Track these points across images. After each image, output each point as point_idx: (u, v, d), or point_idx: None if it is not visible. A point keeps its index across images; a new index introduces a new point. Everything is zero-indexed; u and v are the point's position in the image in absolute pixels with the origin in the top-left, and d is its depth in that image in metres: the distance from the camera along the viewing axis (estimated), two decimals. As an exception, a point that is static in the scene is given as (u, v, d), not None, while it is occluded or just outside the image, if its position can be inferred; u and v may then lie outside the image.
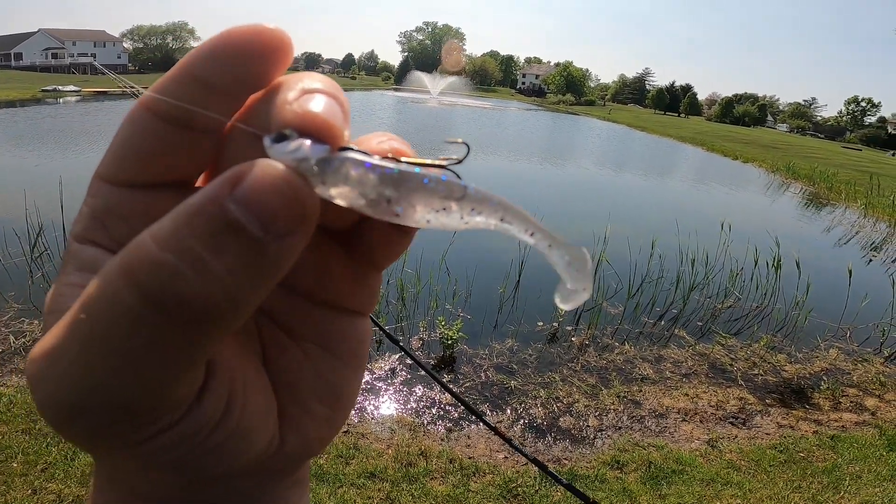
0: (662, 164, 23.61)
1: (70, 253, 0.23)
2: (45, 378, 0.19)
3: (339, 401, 0.27)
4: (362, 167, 0.20)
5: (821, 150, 39.69)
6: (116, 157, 0.23)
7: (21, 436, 3.04)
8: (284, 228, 0.18)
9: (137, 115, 0.22)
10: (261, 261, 0.18)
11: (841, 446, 3.89)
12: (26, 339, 4.13)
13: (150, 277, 0.17)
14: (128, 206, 0.23)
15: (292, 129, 0.19)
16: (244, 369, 0.24)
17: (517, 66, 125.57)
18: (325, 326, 0.27)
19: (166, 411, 0.20)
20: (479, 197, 0.21)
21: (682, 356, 5.09)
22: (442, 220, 0.21)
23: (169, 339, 0.18)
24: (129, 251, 0.18)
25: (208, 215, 0.18)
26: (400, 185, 0.20)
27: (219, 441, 0.22)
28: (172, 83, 0.22)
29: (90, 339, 0.18)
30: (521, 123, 37.97)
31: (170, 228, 0.18)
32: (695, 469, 3.46)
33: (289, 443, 0.25)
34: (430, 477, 3.13)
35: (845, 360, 5.36)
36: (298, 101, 0.20)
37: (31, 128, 17.32)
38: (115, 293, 0.18)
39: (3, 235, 5.76)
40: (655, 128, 44.38)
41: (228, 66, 0.21)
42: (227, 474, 0.24)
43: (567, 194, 13.15)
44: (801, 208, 15.87)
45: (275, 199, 0.18)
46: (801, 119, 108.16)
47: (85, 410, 0.19)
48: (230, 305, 0.18)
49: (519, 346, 4.92)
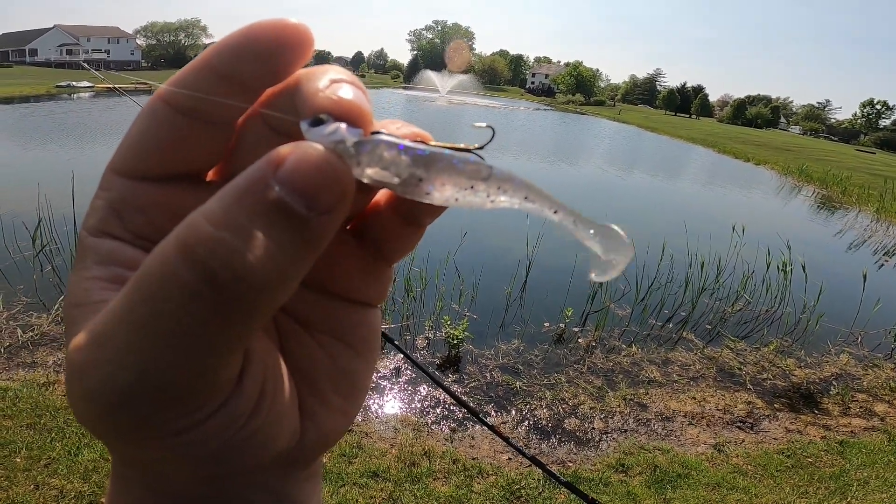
0: (672, 166, 23.45)
1: (86, 247, 0.23)
2: (93, 364, 0.19)
3: (353, 391, 0.28)
4: (395, 149, 0.21)
5: (834, 153, 39.23)
6: (133, 150, 0.23)
7: (26, 431, 3.04)
8: (326, 206, 0.19)
9: (156, 108, 0.23)
10: (305, 236, 0.19)
11: (849, 452, 3.83)
12: (34, 333, 4.16)
13: (208, 253, 0.18)
14: (144, 198, 0.23)
15: (328, 115, 0.21)
16: (271, 357, 0.24)
17: (527, 65, 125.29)
18: (336, 317, 0.27)
19: (211, 397, 0.20)
20: (503, 177, 0.22)
21: (690, 359, 5.03)
22: (469, 198, 0.22)
23: (222, 316, 0.18)
24: (183, 230, 0.18)
25: (256, 195, 0.19)
26: (431, 166, 0.21)
27: (254, 429, 0.22)
28: (192, 75, 0.22)
29: (144, 320, 0.18)
30: (530, 123, 37.88)
31: (221, 208, 0.18)
32: (700, 473, 3.42)
33: (307, 434, 0.25)
34: (433, 477, 3.11)
35: (856, 365, 5.29)
36: (330, 88, 0.21)
37: (45, 122, 17.50)
38: (171, 271, 0.18)
39: (12, 229, 5.81)
40: (666, 129, 44.10)
41: (251, 60, 0.22)
42: (259, 466, 0.24)
43: (575, 195, 13.09)
44: (814, 212, 15.70)
45: (317, 178, 0.19)
46: (814, 121, 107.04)
47: (134, 396, 0.19)
48: (279, 278, 0.19)
49: (525, 346, 4.89)
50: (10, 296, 4.73)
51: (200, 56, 0.22)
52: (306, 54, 0.22)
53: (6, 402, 3.26)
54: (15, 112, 20.76)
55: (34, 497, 2.61)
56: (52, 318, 4.42)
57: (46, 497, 2.62)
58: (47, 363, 3.81)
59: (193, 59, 0.23)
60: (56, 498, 2.63)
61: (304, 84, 0.22)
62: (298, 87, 0.22)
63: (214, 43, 0.23)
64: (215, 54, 0.22)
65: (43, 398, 3.35)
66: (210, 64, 0.22)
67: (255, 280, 0.18)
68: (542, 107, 67.55)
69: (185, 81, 0.22)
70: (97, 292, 0.22)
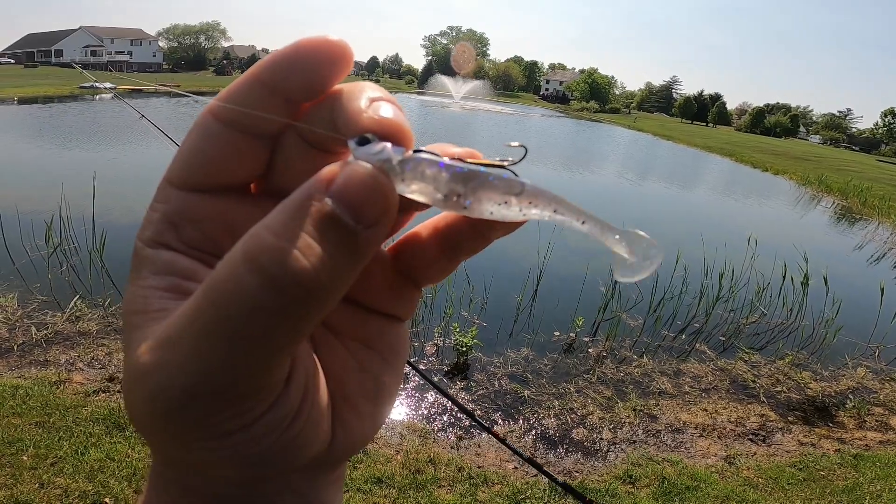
0: (688, 175, 23.23)
1: (142, 258, 0.25)
2: (159, 366, 0.21)
3: (381, 398, 0.29)
4: (436, 166, 0.23)
5: (855, 163, 38.61)
6: (186, 163, 0.25)
7: (34, 429, 3.06)
8: (373, 219, 0.21)
9: (205, 123, 0.24)
10: (354, 247, 0.21)
11: (863, 465, 3.76)
12: (48, 332, 4.22)
13: (271, 261, 0.20)
14: (197, 210, 0.25)
15: (373, 134, 0.22)
16: (311, 362, 0.26)
17: (541, 71, 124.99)
18: (366, 327, 0.28)
19: (264, 398, 0.22)
20: (535, 192, 0.24)
21: (703, 371, 4.96)
22: (503, 212, 0.24)
23: (281, 318, 0.20)
24: (248, 241, 0.20)
25: (311, 209, 0.21)
26: (468, 182, 0.23)
27: (296, 432, 0.23)
28: (241, 90, 0.24)
29: (211, 325, 0.20)
30: (544, 131, 37.81)
31: (280, 221, 0.20)
32: (709, 486, 3.36)
33: (337, 438, 0.26)
34: (437, 485, 3.09)
35: (873, 378, 5.19)
36: (372, 107, 0.23)
37: (69, 122, 17.84)
38: (238, 278, 0.20)
39: (32, 229, 5.92)
40: (682, 137, 43.74)
41: (297, 74, 0.23)
42: (294, 468, 0.25)
43: (588, 203, 13.01)
44: (833, 223, 15.45)
45: (364, 194, 0.21)
46: (834, 130, 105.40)
47: (197, 397, 0.21)
48: (331, 284, 0.20)
49: (534, 355, 4.85)
50: (25, 294, 4.81)
51: (250, 70, 0.24)
52: (347, 69, 0.24)
53: (16, 400, 3.28)
54: (40, 112, 21.22)
55: (38, 496, 2.61)
56: (67, 316, 4.48)
57: (51, 496, 2.62)
58: (59, 362, 3.86)
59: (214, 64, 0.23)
60: (60, 497, 2.63)
61: (346, 104, 0.23)
62: (340, 105, 0.23)
63: (262, 58, 0.24)
64: (265, 68, 0.24)
65: (53, 396, 3.39)
66: (260, 77, 0.24)
67: (310, 284, 0.20)
68: (556, 114, 67.39)
69: (236, 95, 0.24)
70: (156, 301, 0.23)
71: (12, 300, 4.62)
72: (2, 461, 2.79)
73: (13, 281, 5.05)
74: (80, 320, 4.47)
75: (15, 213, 6.10)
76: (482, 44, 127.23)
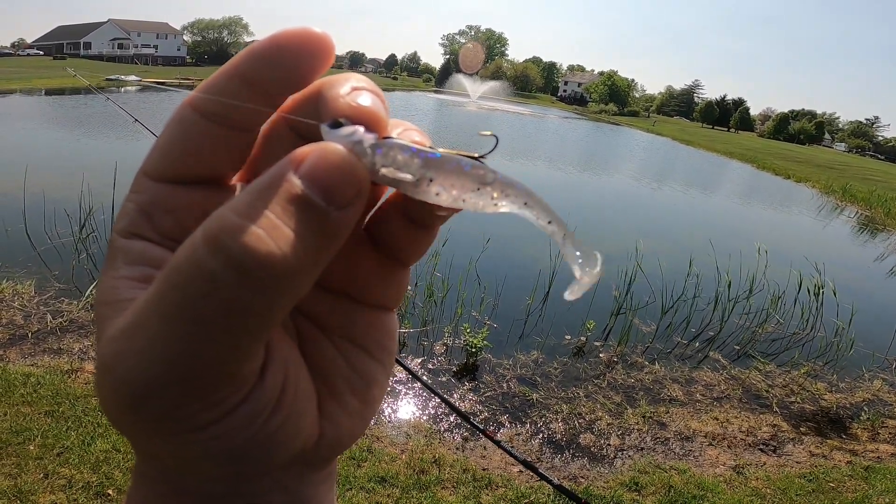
0: (707, 181, 22.90)
1: (116, 248, 0.24)
2: (122, 355, 0.20)
3: (370, 394, 0.28)
4: (409, 151, 0.22)
5: (880, 172, 37.79)
6: (163, 155, 0.24)
7: (43, 418, 3.08)
8: (344, 200, 0.21)
9: (184, 114, 0.24)
10: (324, 228, 0.20)
11: (874, 477, 3.69)
12: (63, 320, 4.28)
13: (232, 241, 0.19)
14: (173, 201, 0.24)
15: (346, 118, 0.22)
16: (292, 355, 0.25)
17: (559, 73, 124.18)
18: (354, 321, 0.28)
19: (234, 388, 0.21)
20: (506, 182, 0.24)
21: (716, 379, 4.89)
22: (474, 200, 0.23)
23: (245, 303, 0.19)
24: (210, 222, 0.20)
25: (279, 189, 0.20)
26: (441, 168, 0.22)
27: (276, 425, 0.23)
28: (221, 82, 0.23)
29: (172, 310, 0.19)
30: (559, 133, 37.56)
31: (247, 201, 0.20)
32: (717, 495, 3.30)
33: (325, 434, 0.26)
34: (441, 486, 3.08)
35: (889, 391, 5.10)
36: (350, 95, 0.22)
37: (96, 113, 18.15)
38: (199, 260, 0.19)
39: (54, 216, 6.03)
40: (702, 142, 43.16)
41: (276, 67, 0.23)
42: (279, 465, 0.24)
43: (603, 206, 12.90)
44: (855, 233, 15.12)
45: (336, 174, 0.21)
46: (860, 138, 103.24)
47: (162, 387, 0.20)
48: (299, 267, 0.20)
49: (544, 358, 4.82)
50: (43, 281, 4.89)
51: (229, 63, 0.24)
52: (328, 62, 0.24)
53: (28, 389, 3.31)
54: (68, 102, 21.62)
55: (42, 485, 2.61)
56: (83, 304, 4.55)
57: (54, 486, 2.63)
58: (73, 350, 3.91)
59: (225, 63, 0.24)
60: (64, 487, 2.63)
61: (327, 90, 0.23)
62: (321, 92, 0.23)
63: (242, 50, 0.24)
64: (243, 61, 0.23)
65: (65, 385, 3.42)
66: (239, 70, 0.23)
67: (276, 267, 0.19)
68: (574, 115, 66.92)
69: (215, 88, 0.23)
70: (126, 290, 0.23)
71: (30, 287, 4.70)
72: (9, 451, 2.80)
73: (31, 268, 5.15)
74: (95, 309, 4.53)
75: (41, 200, 6.22)
76: (501, 44, 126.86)
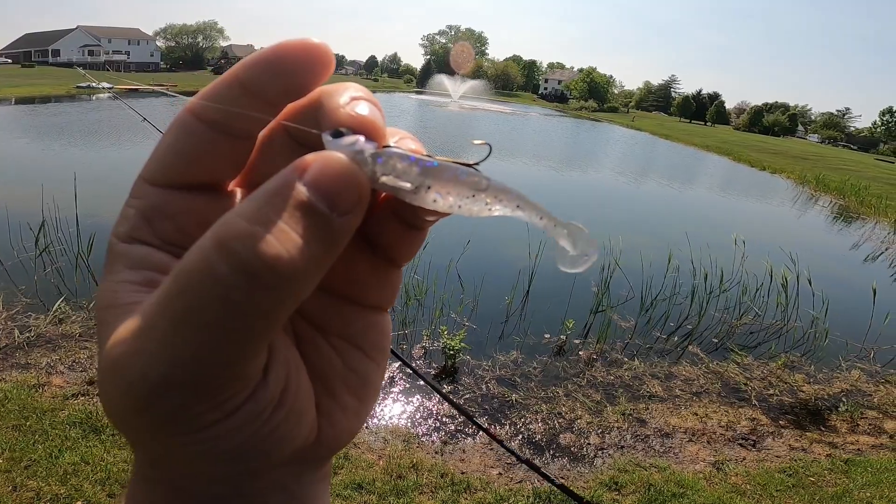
0: (685, 174, 23.19)
1: (116, 253, 0.24)
2: (130, 357, 0.20)
3: (365, 393, 0.28)
4: (408, 160, 0.23)
5: (853, 162, 38.61)
6: (163, 161, 0.25)
7: (11, 432, 3.03)
8: (346, 207, 0.21)
9: (184, 121, 0.24)
10: (328, 234, 0.21)
11: (854, 470, 3.71)
12: (30, 334, 4.17)
13: (242, 246, 0.19)
14: (172, 206, 0.25)
15: (347, 128, 0.23)
16: (292, 354, 0.25)
17: (540, 71, 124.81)
18: (349, 321, 0.28)
19: (240, 388, 0.21)
20: (499, 188, 0.25)
21: (694, 374, 4.92)
22: (469, 206, 0.24)
23: (254, 305, 0.19)
24: (220, 227, 0.20)
25: (286, 196, 0.20)
26: (438, 176, 0.23)
27: (277, 423, 0.23)
28: (221, 89, 0.24)
29: (181, 313, 0.20)
30: (542, 130, 37.76)
31: (255, 207, 0.20)
32: (696, 492, 3.31)
33: (323, 433, 0.26)
34: (419, 491, 3.04)
35: (867, 381, 5.15)
36: (350, 105, 0.23)
37: (59, 123, 17.76)
38: (208, 264, 0.19)
39: (18, 230, 5.86)
40: (680, 136, 43.71)
41: (277, 77, 0.23)
42: (278, 463, 0.25)
43: (583, 201, 12.97)
44: (830, 222, 15.41)
45: (338, 182, 0.21)
46: (833, 129, 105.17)
47: (169, 388, 0.20)
48: (304, 270, 0.20)
49: (524, 358, 4.80)
50: (10, 296, 4.75)
51: (230, 71, 0.24)
52: (327, 73, 0.24)
53: (-6, 404, 3.23)
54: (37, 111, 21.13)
55: (11, 498, 2.59)
56: (50, 319, 4.43)
57: (23, 499, 2.60)
58: (40, 364, 3.81)
59: (213, 64, 0.21)
60: (32, 500, 2.60)
61: (327, 100, 0.24)
62: (321, 102, 0.24)
63: (244, 59, 0.24)
64: (245, 70, 0.24)
65: (31, 400, 3.34)
66: (239, 79, 0.24)
67: (283, 270, 0.19)
68: (555, 113, 67.34)
69: (215, 95, 0.24)
70: (128, 295, 0.23)
71: (-4, 302, 4.56)
72: (-26, 465, 2.74)
73: (-2, 283, 5.00)
74: (63, 323, 4.42)
75: (5, 214, 6.04)
76: (481, 43, 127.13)
